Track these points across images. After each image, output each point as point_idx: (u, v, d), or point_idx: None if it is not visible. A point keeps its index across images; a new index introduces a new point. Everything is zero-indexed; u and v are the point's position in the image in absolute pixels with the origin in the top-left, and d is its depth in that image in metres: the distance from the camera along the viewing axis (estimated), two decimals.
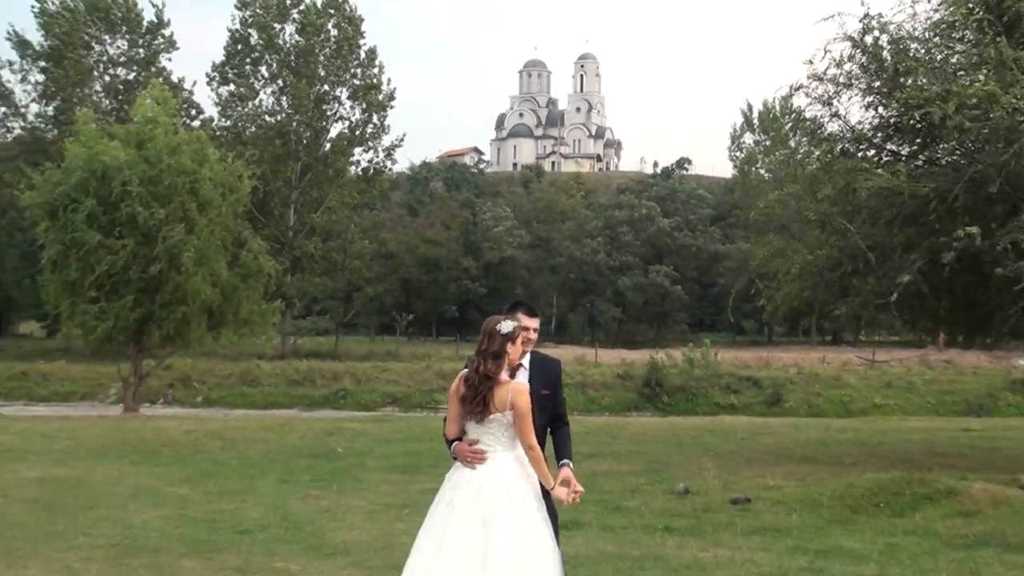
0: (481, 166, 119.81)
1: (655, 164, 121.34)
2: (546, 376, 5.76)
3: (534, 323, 5.74)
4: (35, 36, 52.43)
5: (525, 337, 5.55)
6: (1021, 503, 10.79)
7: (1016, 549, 9.14)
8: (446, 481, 5.30)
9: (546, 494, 5.33)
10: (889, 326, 23.01)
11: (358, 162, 57.65)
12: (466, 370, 5.34)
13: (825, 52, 14.65)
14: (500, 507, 5.05)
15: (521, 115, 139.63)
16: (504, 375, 5.28)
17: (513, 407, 5.18)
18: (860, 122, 15.18)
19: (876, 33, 14.35)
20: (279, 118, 54.49)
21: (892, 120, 14.80)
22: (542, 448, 5.41)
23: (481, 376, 5.21)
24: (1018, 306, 13.45)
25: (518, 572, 4.91)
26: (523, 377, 5.59)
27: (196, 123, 51.18)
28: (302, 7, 54.62)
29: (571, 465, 5.51)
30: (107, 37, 54.36)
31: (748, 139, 79.80)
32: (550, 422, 5.73)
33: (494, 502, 5.06)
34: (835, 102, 15.07)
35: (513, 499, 5.10)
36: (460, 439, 5.36)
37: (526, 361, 5.68)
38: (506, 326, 5.32)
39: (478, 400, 5.21)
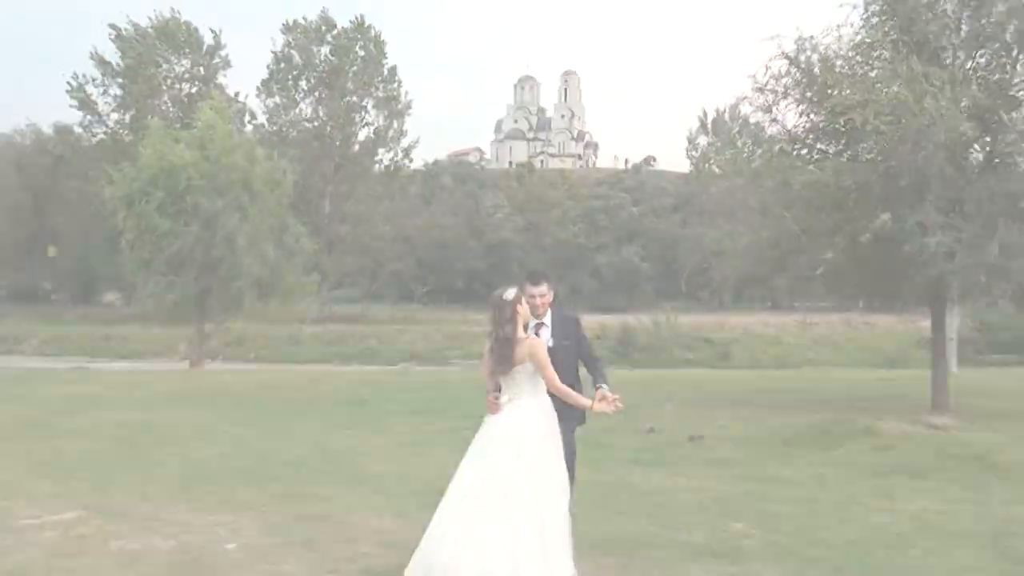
0: (483, 163, 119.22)
1: (626, 161, 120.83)
2: (565, 329, 5.73)
3: (539, 289, 5.61)
4: (114, 57, 52.37)
5: (532, 303, 5.53)
6: (925, 438, 10.83)
7: (921, 476, 9.18)
8: (484, 423, 5.34)
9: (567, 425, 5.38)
10: (819, 294, 22.97)
11: (381, 160, 57.86)
12: (489, 342, 5.35)
13: (766, 68, 14.50)
14: (525, 445, 5.11)
15: (516, 121, 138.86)
16: (522, 333, 5.30)
17: (532, 358, 5.21)
18: (795, 126, 15.03)
19: (808, 52, 14.20)
20: (316, 124, 54.69)
21: (821, 124, 14.66)
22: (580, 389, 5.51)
23: (502, 340, 5.22)
24: (922, 276, 13.46)
25: (536, 499, 4.99)
26: (545, 334, 5.61)
27: (249, 127, 51.10)
28: (335, 32, 54.56)
29: (605, 387, 5.45)
30: (173, 58, 54.08)
31: (703, 140, 79.15)
32: (585, 363, 5.75)
33: (520, 440, 5.12)
34: (774, 109, 14.91)
35: (535, 439, 5.15)
36: (497, 391, 5.36)
37: (548, 320, 5.67)
38: (508, 294, 5.32)
39: (502, 359, 5.24)
